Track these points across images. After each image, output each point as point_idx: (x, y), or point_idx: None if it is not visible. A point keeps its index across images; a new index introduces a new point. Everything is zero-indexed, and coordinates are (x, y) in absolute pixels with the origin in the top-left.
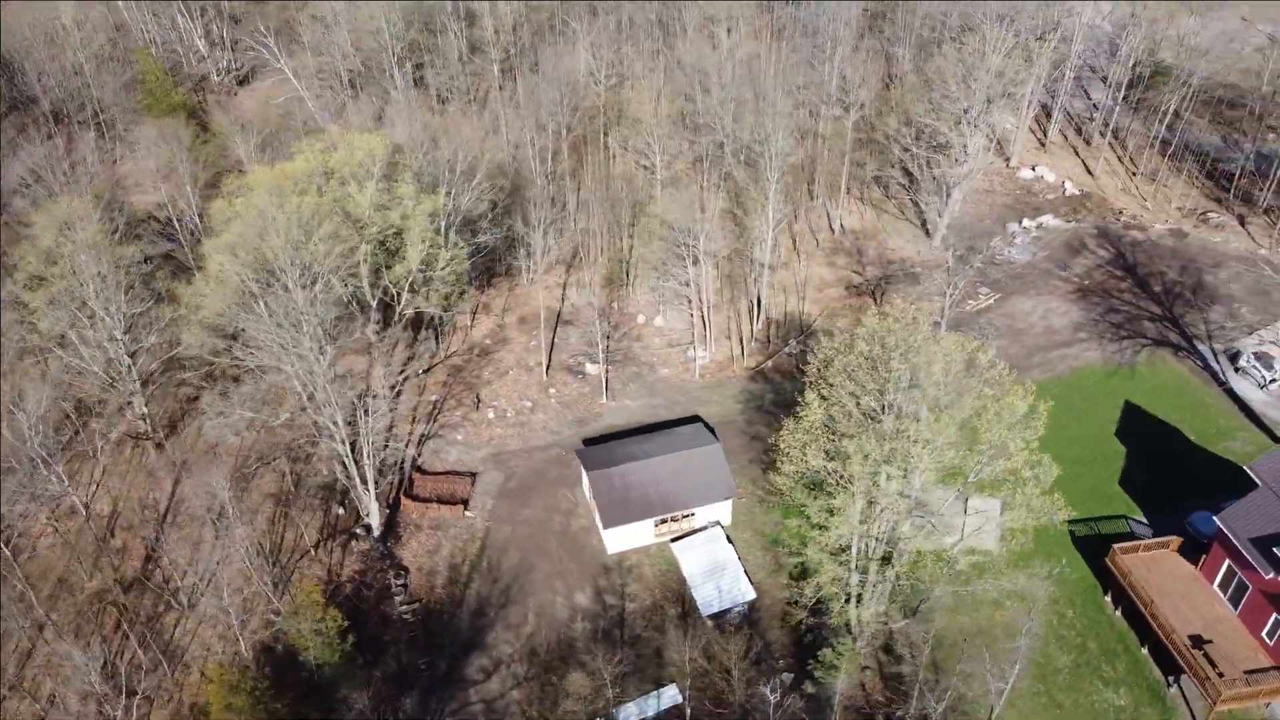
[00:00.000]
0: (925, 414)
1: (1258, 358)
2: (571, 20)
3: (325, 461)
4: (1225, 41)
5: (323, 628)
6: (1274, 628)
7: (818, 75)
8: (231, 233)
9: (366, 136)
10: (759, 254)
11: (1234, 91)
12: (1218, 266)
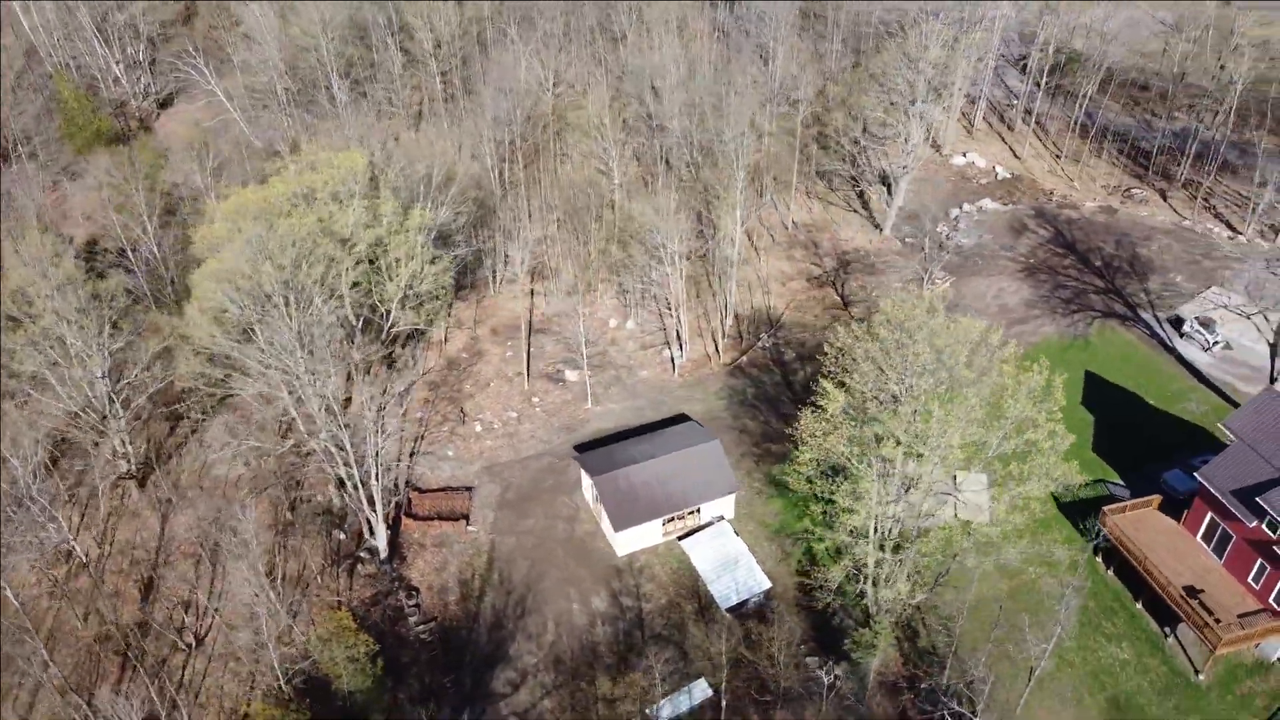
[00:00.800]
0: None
1: (1200, 322)
2: (510, 29)
3: (319, 487)
4: (1129, 28)
5: (355, 654)
6: (1259, 573)
7: (760, 75)
8: (223, 260)
9: (346, 154)
10: (727, 251)
11: (1144, 75)
12: (1148, 239)
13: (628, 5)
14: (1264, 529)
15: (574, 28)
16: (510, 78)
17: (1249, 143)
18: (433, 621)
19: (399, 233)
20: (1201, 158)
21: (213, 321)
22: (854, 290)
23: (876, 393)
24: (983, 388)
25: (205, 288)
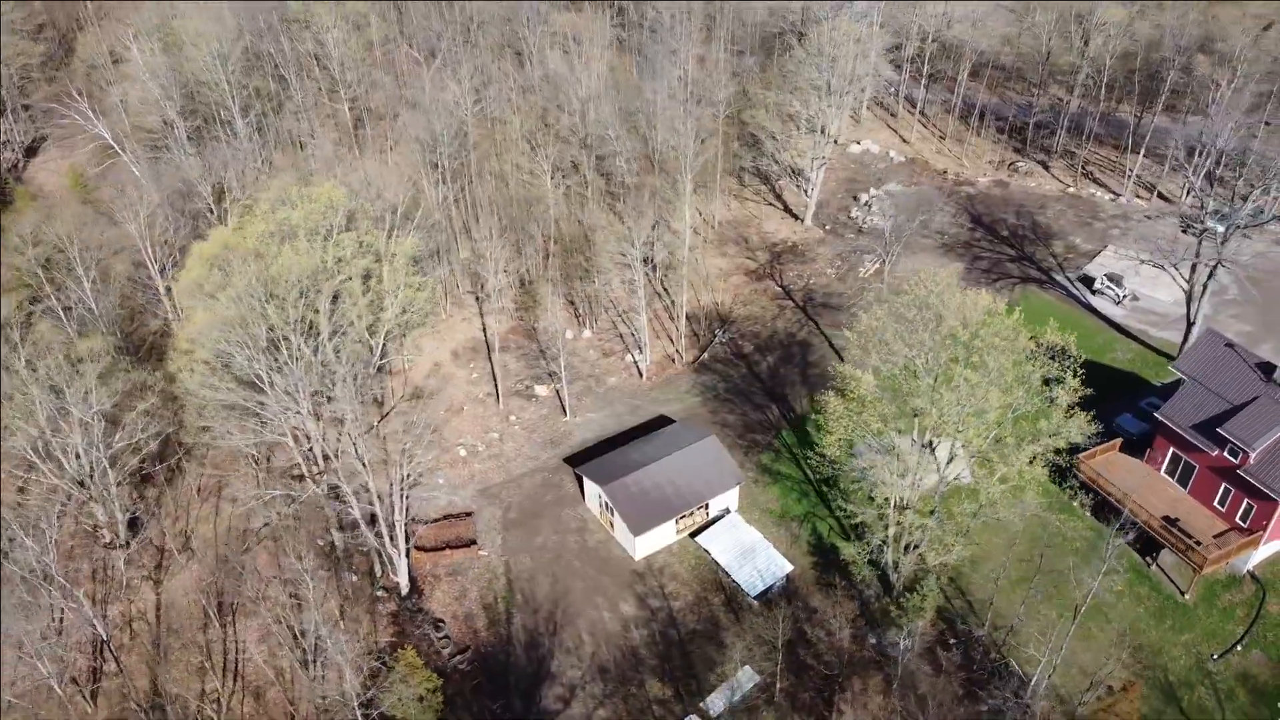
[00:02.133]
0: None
1: (1110, 279)
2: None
3: (319, 531)
4: (990, 15)
5: (423, 691)
6: (1224, 496)
7: (677, 81)
8: (222, 306)
9: (325, 188)
10: (680, 254)
11: (1012, 58)
12: (1043, 207)
13: (534, 17)
14: (1226, 456)
15: (481, 46)
16: (428, 98)
17: (1109, 114)
18: (466, 650)
19: (389, 262)
20: (1075, 130)
21: (213, 373)
22: (792, 280)
23: (910, 369)
24: (1010, 354)
25: (206, 337)
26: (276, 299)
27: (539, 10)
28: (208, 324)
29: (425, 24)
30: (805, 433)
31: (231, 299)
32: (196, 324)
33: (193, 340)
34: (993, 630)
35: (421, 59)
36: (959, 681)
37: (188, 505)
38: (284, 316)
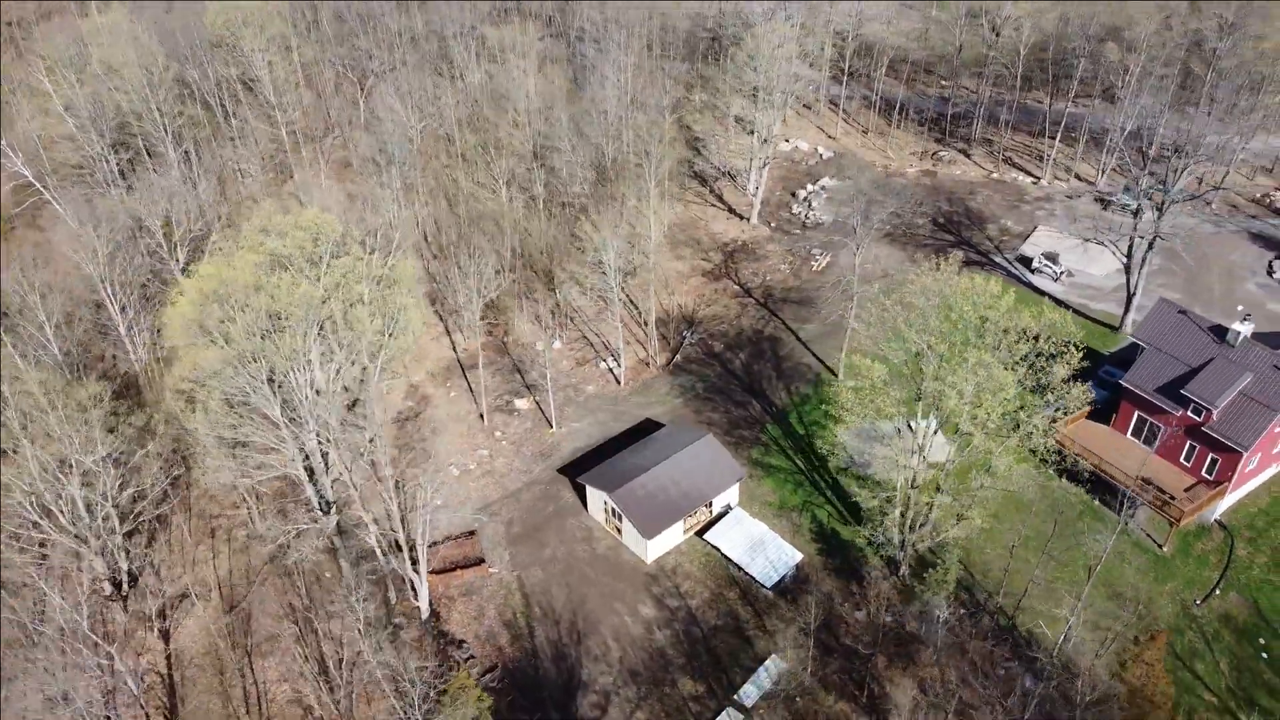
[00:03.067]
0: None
1: (1047, 257)
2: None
3: (326, 563)
4: (900, 15)
5: (477, 711)
6: (1190, 452)
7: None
8: (237, 342)
9: (314, 216)
10: (645, 259)
11: (928, 55)
12: (972, 193)
13: (464, 31)
14: (1190, 415)
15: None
16: (374, 117)
17: (1024, 103)
18: (494, 669)
19: (391, 286)
20: (992, 119)
21: (229, 411)
22: (748, 278)
23: (920, 354)
24: (1013, 334)
25: (221, 375)
26: (286, 331)
27: (470, 24)
28: (216, 361)
29: (352, 42)
30: (790, 425)
31: (244, 333)
32: (204, 361)
33: (196, 379)
34: (1003, 597)
35: (354, 78)
36: (980, 650)
37: (182, 549)
38: (295, 348)
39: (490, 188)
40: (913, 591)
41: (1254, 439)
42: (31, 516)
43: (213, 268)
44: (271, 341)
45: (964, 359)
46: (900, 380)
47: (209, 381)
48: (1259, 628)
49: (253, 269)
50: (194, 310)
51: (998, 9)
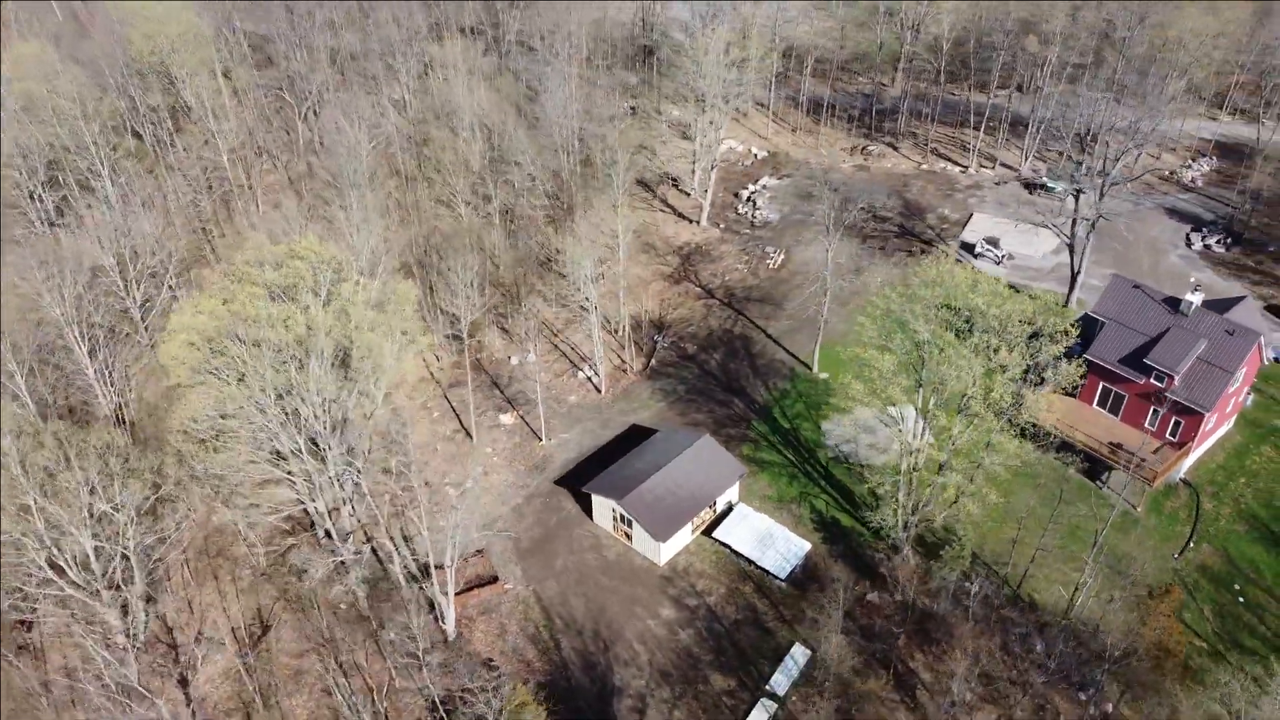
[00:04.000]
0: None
1: (989, 242)
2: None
3: (341, 595)
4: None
5: None
6: (1153, 417)
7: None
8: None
9: (309, 244)
10: (616, 268)
11: (851, 54)
12: (907, 185)
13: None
14: (1152, 382)
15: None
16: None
17: (948, 96)
18: (527, 683)
19: (392, 310)
20: (917, 113)
21: (255, 450)
22: (708, 279)
23: (921, 342)
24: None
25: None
26: (310, 362)
27: (408, 41)
28: (238, 399)
29: (285, 65)
30: (774, 420)
31: (269, 368)
32: (216, 401)
33: (211, 419)
34: (1004, 568)
35: (293, 101)
36: (997, 619)
37: (185, 592)
38: (319, 379)
39: (450, 205)
40: (925, 570)
41: (1214, 400)
42: (45, 574)
43: (211, 303)
44: (294, 375)
45: (971, 344)
46: (906, 369)
47: (229, 420)
48: (1233, 575)
49: (254, 302)
50: (194, 350)
51: (913, 7)
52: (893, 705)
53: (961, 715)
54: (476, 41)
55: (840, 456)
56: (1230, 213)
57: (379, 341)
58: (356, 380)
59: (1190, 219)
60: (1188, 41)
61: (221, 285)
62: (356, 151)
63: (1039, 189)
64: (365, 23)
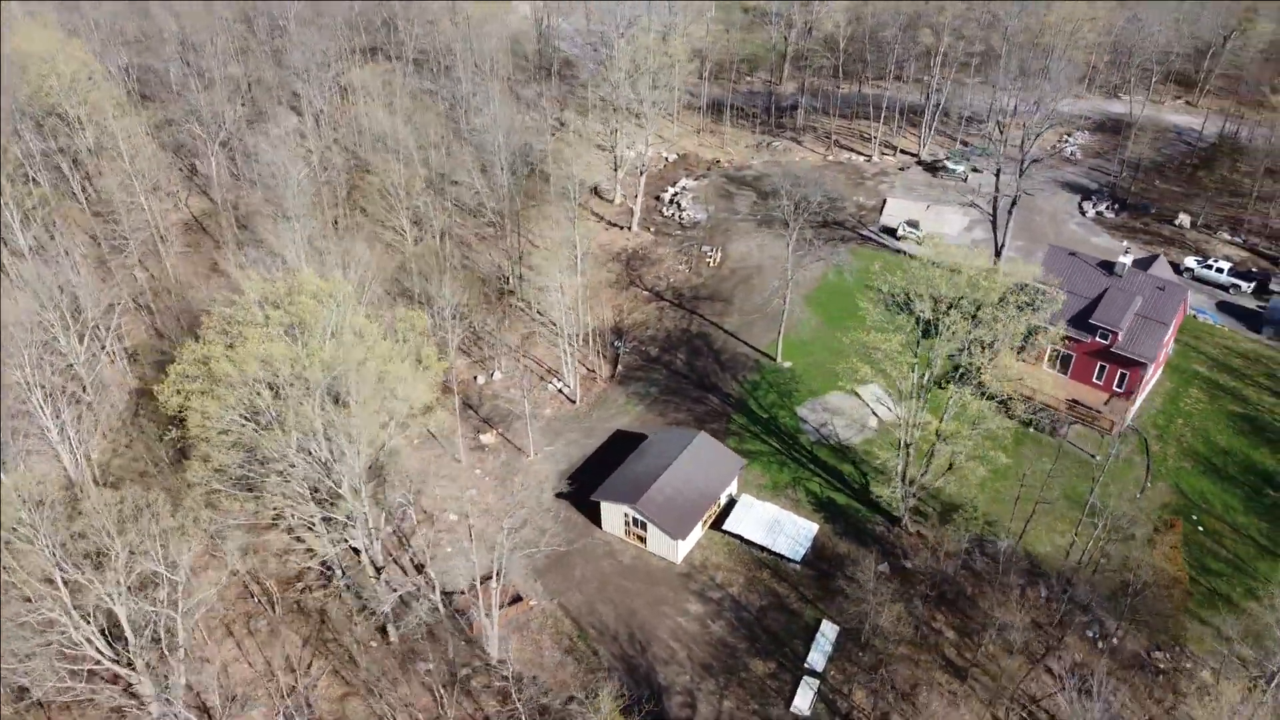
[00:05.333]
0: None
1: (909, 224)
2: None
3: (370, 634)
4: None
5: None
6: (1100, 372)
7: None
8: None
9: (311, 279)
10: (574, 280)
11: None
12: (819, 178)
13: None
14: (1098, 339)
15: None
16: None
17: (847, 90)
18: (574, 697)
19: (406, 338)
20: (817, 109)
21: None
22: (653, 282)
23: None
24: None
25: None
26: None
27: (322, 65)
28: (275, 446)
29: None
30: (751, 411)
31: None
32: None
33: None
34: (997, 527)
35: (206, 135)
36: (1000, 573)
37: (206, 649)
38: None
39: (396, 229)
40: (930, 537)
41: (1156, 351)
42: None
43: (215, 348)
44: (332, 413)
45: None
46: (908, 348)
47: (267, 467)
48: (1189, 507)
49: (267, 343)
50: (212, 398)
51: (803, 8)
52: (927, 665)
53: (988, 665)
54: (394, 64)
55: (821, 439)
56: (1111, 181)
57: (407, 371)
58: (393, 414)
59: (1079, 189)
60: (1062, 26)
61: (221, 328)
62: (291, 181)
63: (941, 171)
64: (266, 50)
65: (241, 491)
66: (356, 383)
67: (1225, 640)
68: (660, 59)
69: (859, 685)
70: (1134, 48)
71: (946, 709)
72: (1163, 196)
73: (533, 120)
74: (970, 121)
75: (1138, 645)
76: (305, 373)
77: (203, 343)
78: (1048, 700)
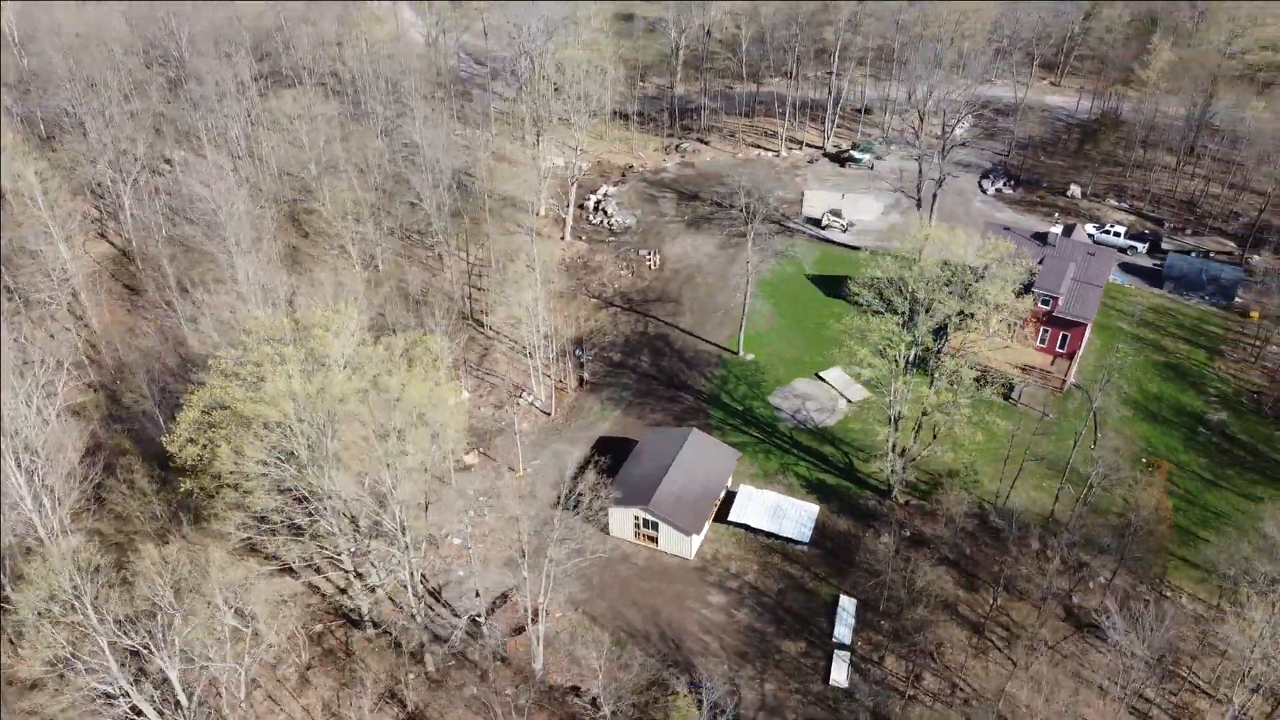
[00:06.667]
0: None
1: (833, 213)
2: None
3: (419, 676)
4: None
5: None
6: (1044, 336)
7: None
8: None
9: (323, 312)
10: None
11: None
12: (733, 175)
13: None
14: (1040, 306)
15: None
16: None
17: (746, 92)
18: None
19: (433, 367)
20: (720, 109)
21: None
22: (598, 289)
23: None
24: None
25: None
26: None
27: (235, 94)
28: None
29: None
30: (725, 405)
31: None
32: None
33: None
34: (978, 489)
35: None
36: (988, 532)
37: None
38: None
39: (341, 256)
40: (922, 505)
41: (1093, 311)
42: None
43: (234, 392)
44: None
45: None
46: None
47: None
48: (1139, 450)
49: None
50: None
51: (702, 8)
52: (945, 623)
53: (999, 617)
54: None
55: (798, 424)
56: (1002, 160)
57: (443, 396)
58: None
59: (975, 169)
60: (948, 18)
61: (231, 370)
62: (233, 215)
63: (848, 161)
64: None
65: (283, 535)
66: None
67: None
68: (589, 67)
69: (888, 652)
70: (1013, 35)
71: (971, 661)
72: (1052, 171)
73: (459, 137)
74: (868, 112)
75: (1136, 579)
76: (350, 407)
77: (216, 387)
78: (1062, 644)
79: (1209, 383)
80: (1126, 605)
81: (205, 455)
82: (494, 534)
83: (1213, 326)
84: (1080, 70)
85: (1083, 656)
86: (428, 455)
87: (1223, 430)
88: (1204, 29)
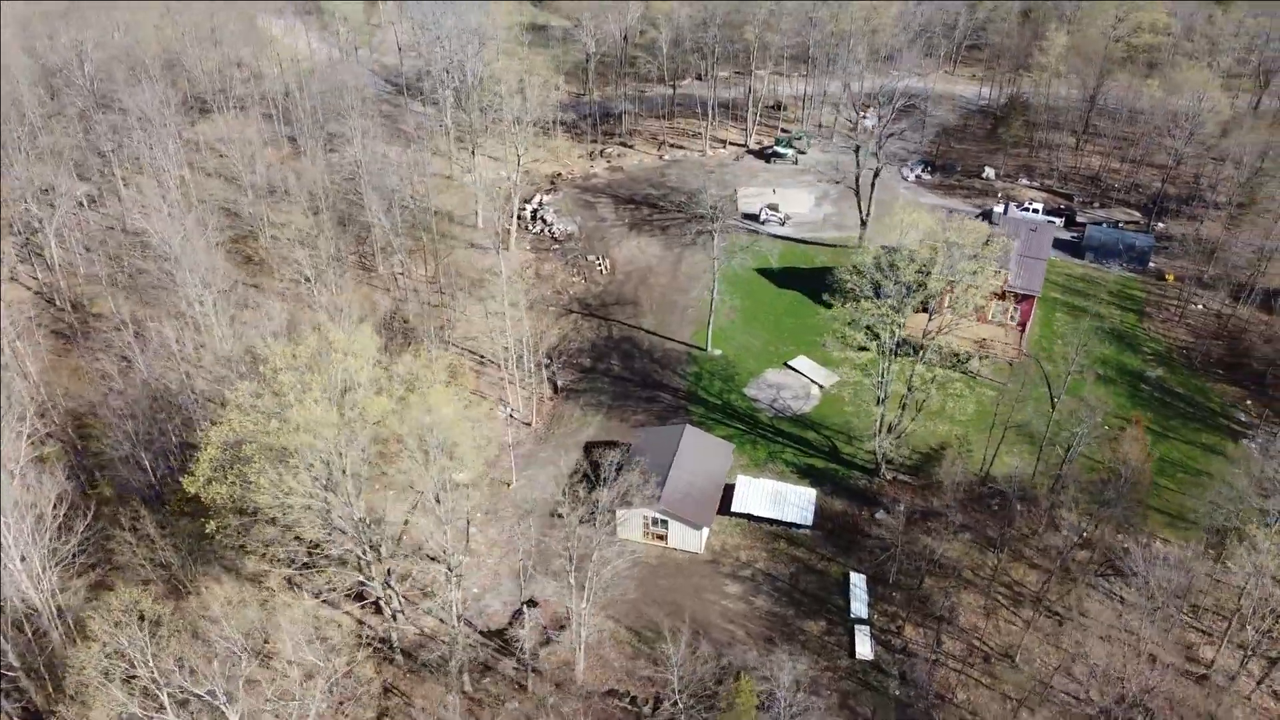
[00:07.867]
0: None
1: (770, 208)
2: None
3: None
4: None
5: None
6: (996, 310)
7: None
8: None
9: (341, 337)
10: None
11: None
12: (664, 177)
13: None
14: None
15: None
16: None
17: (655, 94)
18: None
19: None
20: (640, 113)
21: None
22: (554, 298)
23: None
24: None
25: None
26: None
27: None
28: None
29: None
30: (703, 400)
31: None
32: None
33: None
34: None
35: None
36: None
37: None
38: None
39: (296, 280)
40: (915, 481)
41: (1040, 283)
42: None
43: (270, 422)
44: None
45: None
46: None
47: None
48: (1095, 409)
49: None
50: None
51: (619, 12)
52: (952, 590)
53: (1000, 577)
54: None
55: (777, 413)
56: (917, 148)
57: (476, 412)
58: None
59: (894, 159)
60: (857, 14)
61: (248, 404)
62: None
63: (773, 157)
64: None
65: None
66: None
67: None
68: (530, 77)
69: (905, 622)
70: (921, 29)
71: (983, 621)
72: (965, 156)
73: (401, 154)
74: (783, 108)
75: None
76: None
77: (235, 421)
78: (1065, 599)
79: (1143, 343)
80: (1134, 551)
81: (236, 492)
82: (496, 547)
83: (1135, 291)
84: (973, 59)
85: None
86: (475, 471)
87: (1161, 385)
88: (1089, 15)
